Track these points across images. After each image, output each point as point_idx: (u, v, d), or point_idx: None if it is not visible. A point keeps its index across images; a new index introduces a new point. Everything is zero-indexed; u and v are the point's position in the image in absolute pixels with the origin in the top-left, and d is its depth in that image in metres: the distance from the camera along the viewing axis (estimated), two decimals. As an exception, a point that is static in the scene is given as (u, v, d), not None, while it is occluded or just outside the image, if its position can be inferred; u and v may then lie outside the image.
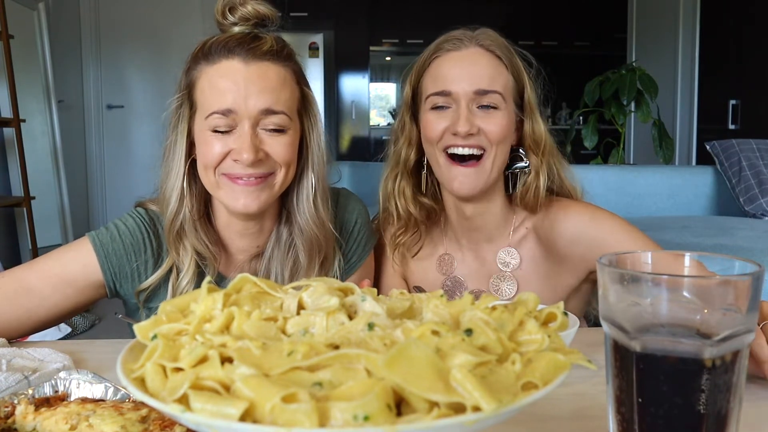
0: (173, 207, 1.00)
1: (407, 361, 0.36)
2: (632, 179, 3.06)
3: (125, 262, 1.01)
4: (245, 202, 0.97)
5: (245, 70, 0.95)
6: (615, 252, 0.53)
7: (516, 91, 1.08)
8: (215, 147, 0.95)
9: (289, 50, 1.02)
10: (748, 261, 0.49)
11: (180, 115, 1.00)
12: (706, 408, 0.46)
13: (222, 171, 0.97)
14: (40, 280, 0.96)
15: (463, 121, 1.01)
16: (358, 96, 6.77)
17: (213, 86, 0.95)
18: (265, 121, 0.95)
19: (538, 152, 1.08)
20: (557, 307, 0.49)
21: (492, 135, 1.02)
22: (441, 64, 1.06)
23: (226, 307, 0.46)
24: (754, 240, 2.26)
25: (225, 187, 0.97)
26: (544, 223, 1.11)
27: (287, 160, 0.98)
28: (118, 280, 1.01)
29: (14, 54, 3.78)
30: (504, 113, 1.04)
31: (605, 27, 6.53)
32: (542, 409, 0.68)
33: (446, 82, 1.04)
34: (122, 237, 1.01)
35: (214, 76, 0.96)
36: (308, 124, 1.04)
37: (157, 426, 0.54)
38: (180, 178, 1.00)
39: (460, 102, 1.03)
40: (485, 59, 1.05)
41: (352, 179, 3.18)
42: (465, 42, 1.06)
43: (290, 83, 0.99)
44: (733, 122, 4.38)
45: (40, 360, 0.81)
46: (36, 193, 4.00)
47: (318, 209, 1.04)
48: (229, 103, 0.94)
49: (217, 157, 0.96)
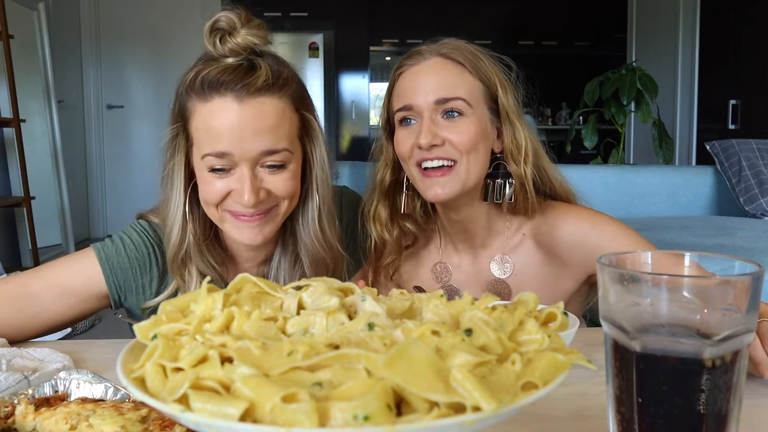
0: (177, 237, 0.98)
1: (407, 361, 0.36)
2: (632, 179, 3.06)
3: (130, 276, 1.02)
4: (249, 235, 0.96)
5: (239, 110, 0.90)
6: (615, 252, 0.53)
7: (487, 96, 1.04)
8: (215, 186, 0.93)
9: (287, 75, 0.97)
10: (748, 261, 0.49)
11: (176, 145, 0.98)
12: (706, 408, 0.46)
13: (224, 208, 0.96)
14: (44, 288, 0.97)
15: (425, 133, 0.99)
16: (358, 96, 6.77)
17: (207, 127, 0.91)
18: (264, 159, 0.92)
19: (519, 160, 1.05)
20: (557, 307, 0.49)
21: (458, 144, 1.00)
22: (403, 79, 1.05)
23: (226, 307, 0.46)
24: (754, 240, 2.26)
25: (228, 221, 0.96)
26: (542, 228, 1.09)
27: (290, 194, 0.96)
28: (123, 293, 1.02)
29: (14, 54, 3.79)
30: (471, 120, 1.01)
31: (605, 27, 6.54)
32: (542, 409, 0.67)
33: (407, 96, 1.02)
34: (128, 251, 1.02)
35: (208, 117, 0.91)
36: (310, 147, 1.01)
37: (157, 426, 0.54)
38: (180, 207, 0.98)
39: (423, 113, 1.01)
40: (446, 68, 1.02)
41: (352, 179, 3.18)
42: (425, 54, 1.04)
43: (288, 114, 0.95)
44: (733, 122, 4.38)
45: (40, 360, 0.81)
46: (36, 193, 4.01)
47: (324, 231, 1.03)
48: (224, 146, 0.90)
49: (218, 196, 0.94)
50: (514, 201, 1.06)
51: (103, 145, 5.66)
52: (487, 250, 1.13)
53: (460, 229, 1.12)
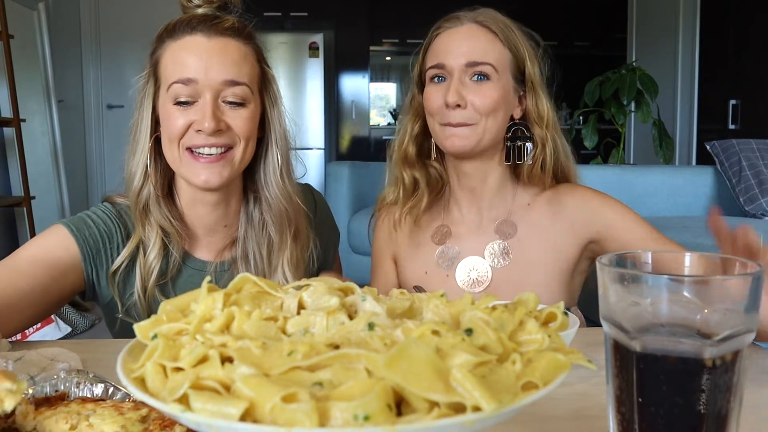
0: (138, 182, 1.03)
1: (407, 360, 0.36)
2: (632, 179, 3.06)
3: (101, 246, 1.03)
4: (206, 177, 1.00)
5: (207, 43, 0.99)
6: (617, 236, 0.53)
7: (514, 66, 1.12)
8: (178, 119, 0.98)
9: (251, 31, 1.06)
10: (748, 261, 0.49)
11: (145, 92, 1.04)
12: (706, 408, 0.46)
13: (185, 144, 1.00)
14: (29, 264, 0.97)
15: (452, 92, 1.07)
16: (358, 96, 6.77)
17: (175, 59, 0.99)
18: (226, 92, 0.99)
19: (542, 125, 1.13)
20: (557, 307, 0.49)
21: (480, 107, 1.08)
22: (440, 40, 1.13)
23: (227, 306, 0.46)
24: (754, 240, 2.26)
25: (187, 163, 1.00)
26: (552, 201, 1.16)
27: (247, 134, 1.01)
28: (95, 265, 1.03)
29: (14, 54, 3.78)
30: (496, 85, 1.09)
31: (605, 27, 6.53)
32: (542, 409, 0.68)
33: (440, 56, 1.10)
34: (95, 223, 1.04)
35: (177, 50, 1.00)
36: (269, 102, 1.08)
37: (157, 426, 0.54)
38: (145, 153, 1.03)
39: (453, 73, 1.09)
40: (479, 33, 1.10)
41: (352, 179, 3.18)
42: (462, 20, 1.12)
43: (251, 59, 1.03)
44: (733, 122, 4.38)
45: (50, 359, 0.81)
46: (36, 193, 4.01)
47: (285, 182, 1.08)
48: (191, 73, 0.97)
49: (180, 128, 0.98)
50: (532, 168, 1.14)
51: (103, 145, 5.66)
52: (492, 212, 1.18)
53: (468, 188, 1.17)
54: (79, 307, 3.25)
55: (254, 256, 1.09)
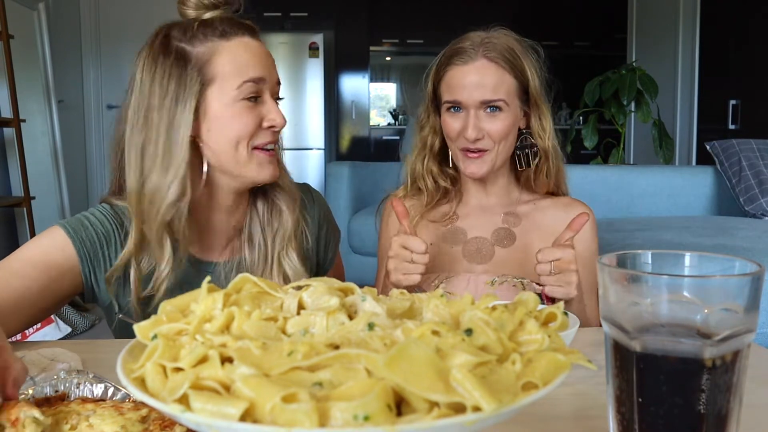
0: (173, 197, 0.97)
1: (407, 361, 0.36)
2: (632, 179, 3.06)
3: (98, 248, 1.01)
4: (271, 171, 1.04)
5: (258, 46, 1.04)
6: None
7: (520, 90, 1.22)
8: (249, 117, 1.00)
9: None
10: (748, 261, 0.49)
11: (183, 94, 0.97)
12: (706, 408, 0.46)
13: (253, 143, 1.01)
14: (26, 265, 0.96)
15: (471, 129, 1.19)
16: (358, 96, 6.77)
17: (239, 58, 1.00)
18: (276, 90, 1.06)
19: (544, 137, 1.25)
20: (557, 307, 0.49)
21: (495, 135, 1.20)
22: (453, 75, 1.22)
23: (226, 307, 0.46)
24: (754, 240, 2.26)
25: (254, 161, 1.02)
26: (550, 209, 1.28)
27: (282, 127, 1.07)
28: (93, 267, 1.01)
29: (14, 54, 3.78)
30: (507, 114, 1.20)
31: (605, 27, 6.53)
32: (542, 409, 0.68)
33: (457, 93, 1.21)
34: (93, 225, 1.02)
35: (237, 49, 1.01)
36: None
37: (157, 426, 0.54)
38: (184, 165, 0.97)
39: (469, 110, 1.20)
40: (490, 71, 1.19)
41: (352, 179, 3.18)
42: (472, 55, 1.20)
43: None
44: (733, 122, 4.38)
45: (51, 360, 0.81)
46: (36, 193, 4.01)
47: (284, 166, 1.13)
48: (260, 72, 1.01)
49: (252, 127, 1.00)
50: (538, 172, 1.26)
51: (103, 145, 5.65)
52: (499, 205, 1.30)
53: (478, 188, 1.30)
54: (79, 307, 3.25)
55: (266, 247, 1.10)
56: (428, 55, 1.31)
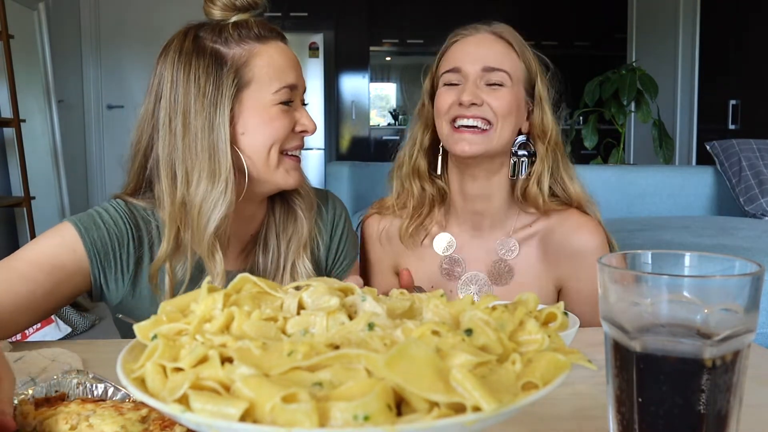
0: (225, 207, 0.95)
1: (407, 361, 0.36)
2: (632, 179, 3.06)
3: (110, 249, 0.98)
4: (295, 176, 1.03)
5: (291, 53, 1.04)
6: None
7: (526, 79, 1.15)
8: (284, 121, 0.99)
9: None
10: (748, 261, 0.49)
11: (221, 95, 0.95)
12: (706, 408, 0.46)
13: (283, 147, 1.01)
14: (32, 266, 0.93)
15: (468, 92, 1.08)
16: (358, 96, 6.76)
17: (276, 62, 1.00)
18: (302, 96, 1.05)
19: (544, 141, 1.15)
20: (557, 307, 0.49)
21: (496, 108, 1.09)
22: (455, 47, 1.15)
23: (226, 307, 0.46)
24: (754, 240, 2.26)
25: (283, 165, 1.01)
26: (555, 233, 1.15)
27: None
28: (103, 268, 0.98)
29: (14, 54, 3.78)
30: (510, 91, 1.11)
31: (605, 27, 6.53)
32: (542, 409, 0.68)
33: (456, 60, 1.12)
34: (105, 224, 0.99)
35: (274, 54, 1.00)
36: None
37: (157, 426, 0.54)
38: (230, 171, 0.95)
39: (468, 78, 1.10)
40: (496, 42, 1.13)
41: (352, 179, 3.18)
42: (479, 29, 1.16)
43: None
44: (733, 122, 4.38)
45: (52, 360, 0.81)
46: (36, 193, 4.01)
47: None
48: (294, 79, 1.01)
49: (287, 130, 1.00)
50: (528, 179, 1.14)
51: (103, 145, 5.66)
52: (495, 231, 1.19)
53: (471, 210, 1.17)
54: (79, 307, 3.25)
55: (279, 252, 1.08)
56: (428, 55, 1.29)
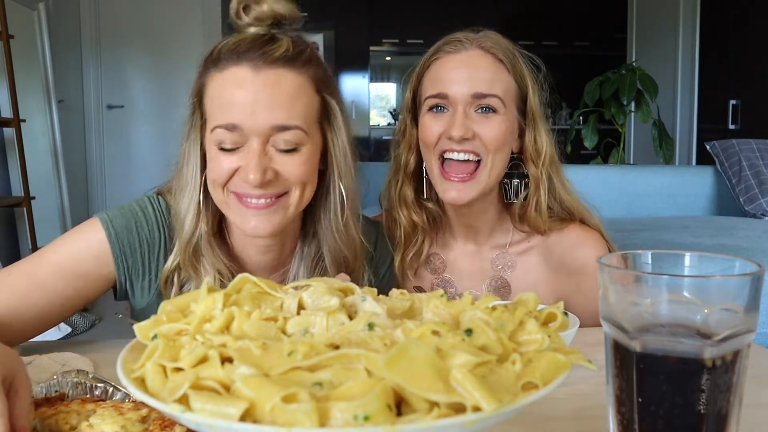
0: (190, 225, 0.92)
1: (407, 361, 0.36)
2: (632, 179, 3.06)
3: (138, 257, 0.94)
4: (255, 224, 0.89)
5: (254, 79, 0.85)
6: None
7: (518, 97, 1.04)
8: (222, 163, 0.87)
9: (311, 54, 0.91)
10: (748, 261, 0.49)
11: (192, 123, 0.92)
12: (706, 408, 0.46)
13: (231, 189, 0.89)
14: (52, 274, 0.89)
15: (458, 126, 0.97)
16: (358, 96, 6.76)
17: (219, 96, 0.87)
18: (276, 137, 0.86)
19: (538, 163, 1.04)
20: (557, 307, 0.49)
21: (489, 141, 0.99)
22: (440, 66, 1.03)
23: (226, 307, 0.46)
24: (754, 240, 2.26)
25: (234, 207, 0.90)
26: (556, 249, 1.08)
27: (302, 180, 0.89)
28: (130, 276, 0.95)
29: (14, 54, 3.78)
30: (503, 118, 1.00)
31: (605, 27, 6.53)
32: (542, 409, 0.67)
33: (444, 85, 1.00)
34: (139, 228, 0.94)
35: (222, 85, 0.87)
36: (332, 135, 0.94)
37: (157, 426, 0.54)
38: (197, 191, 0.92)
39: (457, 105, 0.99)
40: (486, 62, 1.01)
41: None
42: (465, 44, 1.02)
43: (307, 92, 0.89)
44: (733, 122, 4.38)
45: (62, 365, 0.81)
46: (36, 193, 4.00)
47: (348, 228, 0.96)
48: (234, 117, 0.85)
49: (224, 174, 0.87)
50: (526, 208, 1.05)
51: (103, 145, 5.65)
52: (490, 247, 1.12)
53: (464, 224, 1.11)
54: (79, 307, 3.25)
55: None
56: (429, 55, 1.23)
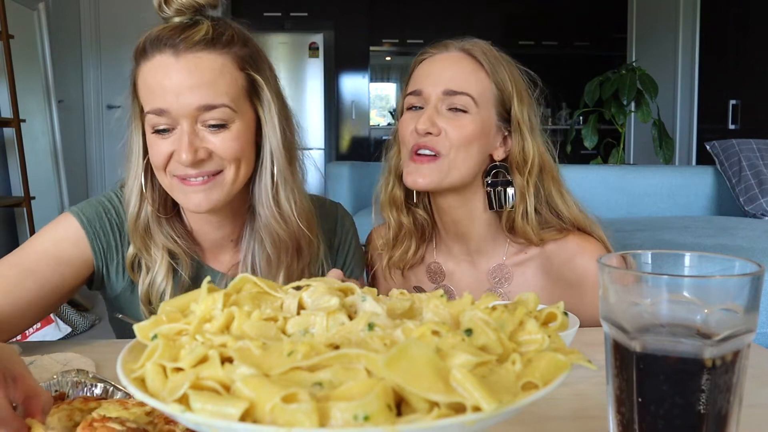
0: (134, 207, 0.98)
1: (407, 361, 0.36)
2: (632, 179, 3.06)
3: (111, 239, 1.00)
4: (197, 201, 0.93)
5: (176, 64, 0.89)
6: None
7: (498, 102, 1.04)
8: (159, 148, 0.92)
9: (232, 35, 0.95)
10: (748, 261, 0.49)
11: (133, 112, 0.98)
12: (706, 408, 0.46)
13: (172, 173, 0.94)
14: (39, 261, 0.94)
15: (424, 119, 1.00)
16: (358, 96, 6.77)
17: (148, 84, 0.92)
18: (204, 116, 0.90)
19: (524, 172, 1.04)
20: (557, 307, 0.49)
21: (453, 136, 1.00)
22: (422, 66, 1.06)
23: (226, 307, 0.46)
24: (754, 240, 2.26)
25: (177, 188, 0.95)
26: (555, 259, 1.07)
27: (235, 156, 0.93)
28: (105, 259, 1.00)
29: (14, 54, 3.78)
30: (473, 118, 1.01)
31: (605, 27, 6.53)
32: (542, 409, 0.68)
33: (419, 82, 1.04)
34: (107, 213, 1.01)
35: (148, 74, 0.92)
36: (262, 111, 0.97)
37: (161, 420, 0.54)
38: (139, 176, 0.98)
39: (429, 101, 1.02)
40: (464, 62, 1.03)
41: (352, 179, 3.18)
42: (449, 46, 1.05)
43: (230, 71, 0.92)
44: (733, 122, 4.38)
45: (64, 365, 0.81)
46: (36, 193, 4.00)
47: (281, 204, 0.99)
48: (162, 102, 0.90)
49: (161, 158, 0.92)
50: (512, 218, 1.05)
51: (103, 145, 5.66)
52: (486, 258, 1.12)
53: (454, 232, 1.11)
54: (79, 307, 3.25)
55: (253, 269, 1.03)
56: (428, 55, 1.23)
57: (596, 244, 1.06)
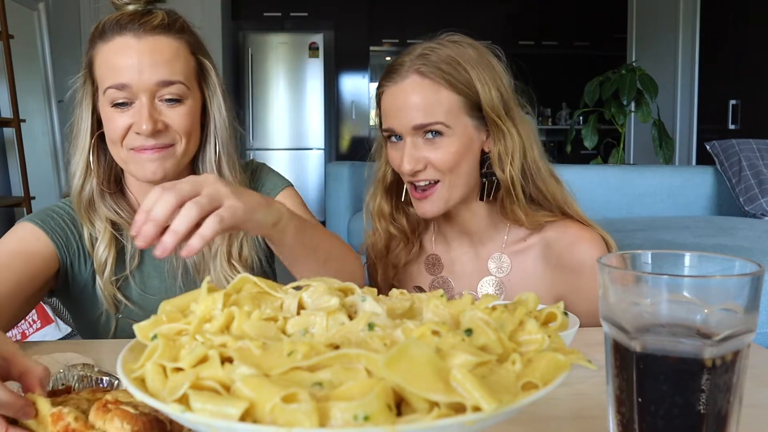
0: (79, 180, 1.05)
1: (407, 361, 0.36)
2: (632, 179, 3.06)
3: (69, 233, 1.05)
4: (153, 169, 1.00)
5: (138, 45, 0.98)
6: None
7: (469, 107, 1.02)
8: (117, 122, 0.99)
9: (183, 23, 1.05)
10: (748, 261, 0.49)
11: (84, 93, 1.05)
12: (706, 408, 0.46)
13: (128, 146, 1.00)
14: (10, 257, 0.97)
15: (407, 159, 1.02)
16: (358, 96, 6.77)
17: (108, 63, 0.99)
18: (162, 92, 0.99)
19: (506, 165, 1.04)
20: (557, 307, 0.49)
21: (440, 165, 1.02)
22: (386, 99, 1.06)
23: (226, 307, 0.46)
24: (754, 240, 2.26)
25: (132, 160, 1.01)
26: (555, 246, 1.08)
27: (186, 129, 1.02)
28: (68, 255, 1.04)
29: (14, 54, 3.78)
30: (451, 139, 1.01)
31: (605, 27, 6.53)
32: (542, 409, 0.67)
33: (389, 119, 1.05)
34: (57, 214, 1.06)
35: (109, 54, 0.99)
36: (208, 93, 1.07)
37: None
38: (86, 152, 1.05)
39: (405, 138, 1.03)
40: (422, 89, 1.01)
41: (352, 179, 3.18)
42: (403, 72, 1.03)
43: (184, 54, 1.03)
44: (733, 122, 4.38)
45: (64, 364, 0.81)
46: (36, 193, 4.00)
47: (223, 174, 1.07)
48: (124, 78, 0.97)
49: (120, 131, 0.99)
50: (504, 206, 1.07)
51: (103, 145, 5.66)
52: (486, 247, 1.13)
53: (457, 228, 1.13)
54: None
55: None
56: (428, 55, 1.23)
57: (594, 234, 1.08)
